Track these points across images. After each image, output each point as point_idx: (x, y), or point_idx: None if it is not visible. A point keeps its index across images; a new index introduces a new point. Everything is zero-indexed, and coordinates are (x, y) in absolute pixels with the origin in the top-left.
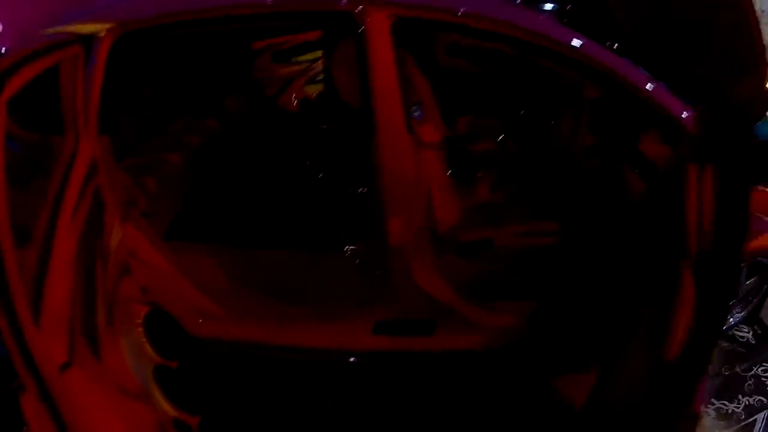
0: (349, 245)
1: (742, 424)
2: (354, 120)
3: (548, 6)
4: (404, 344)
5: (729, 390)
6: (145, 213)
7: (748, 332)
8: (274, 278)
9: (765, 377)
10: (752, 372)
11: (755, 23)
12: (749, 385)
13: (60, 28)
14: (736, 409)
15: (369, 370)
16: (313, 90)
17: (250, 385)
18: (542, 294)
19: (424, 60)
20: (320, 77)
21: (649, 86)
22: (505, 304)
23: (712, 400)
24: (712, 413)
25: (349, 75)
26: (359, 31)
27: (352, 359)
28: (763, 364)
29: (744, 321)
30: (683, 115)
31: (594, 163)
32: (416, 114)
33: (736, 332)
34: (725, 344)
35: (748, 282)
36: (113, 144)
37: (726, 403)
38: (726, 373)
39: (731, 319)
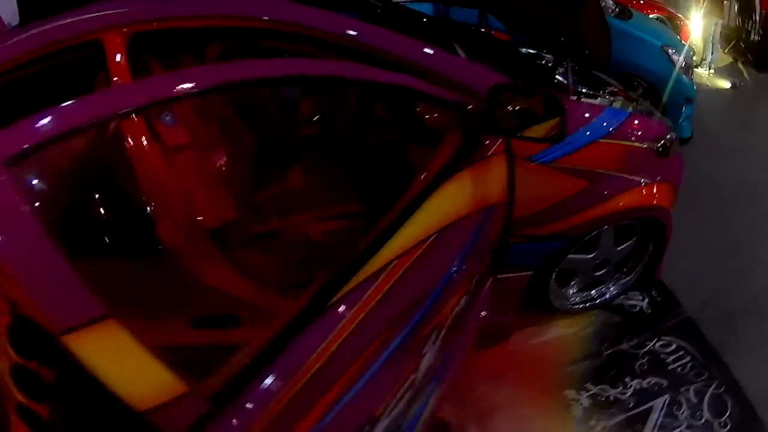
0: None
1: (631, 413)
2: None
3: None
4: (221, 337)
5: (611, 372)
6: None
7: (642, 300)
8: (120, 284)
9: (665, 354)
10: (647, 348)
11: None
12: (642, 364)
13: None
14: (620, 396)
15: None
16: None
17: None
18: None
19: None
20: None
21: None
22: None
23: (587, 385)
24: (586, 401)
25: None
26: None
27: None
28: (663, 337)
29: (636, 288)
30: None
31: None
32: (167, 119)
33: (626, 301)
34: (610, 317)
35: (620, 248)
36: None
37: (606, 388)
38: (606, 352)
39: (607, 294)
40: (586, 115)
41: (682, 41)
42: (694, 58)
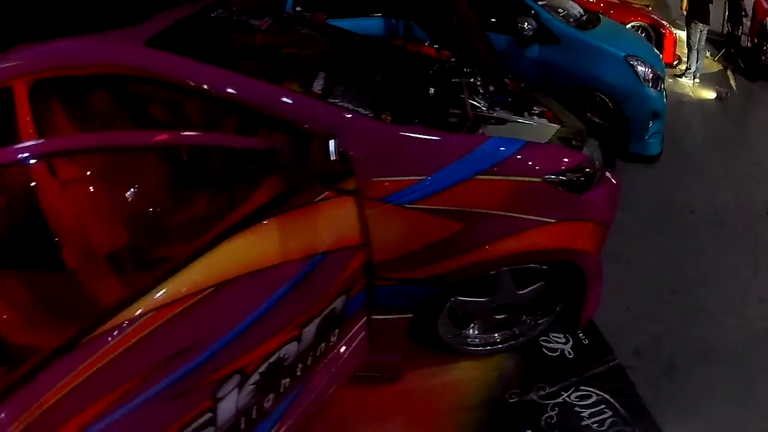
0: None
1: None
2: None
3: None
4: None
5: (511, 424)
6: None
7: (566, 343)
8: (53, 294)
9: (581, 407)
10: (560, 398)
11: None
12: (549, 417)
13: None
14: None
15: None
16: None
17: None
18: None
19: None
20: None
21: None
22: None
23: None
24: None
25: None
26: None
27: None
28: (583, 387)
29: (561, 329)
30: None
31: None
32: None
33: (546, 344)
34: (522, 361)
35: (524, 291)
36: None
37: None
38: (511, 400)
39: (514, 338)
40: (459, 148)
41: (660, 50)
42: (680, 66)
